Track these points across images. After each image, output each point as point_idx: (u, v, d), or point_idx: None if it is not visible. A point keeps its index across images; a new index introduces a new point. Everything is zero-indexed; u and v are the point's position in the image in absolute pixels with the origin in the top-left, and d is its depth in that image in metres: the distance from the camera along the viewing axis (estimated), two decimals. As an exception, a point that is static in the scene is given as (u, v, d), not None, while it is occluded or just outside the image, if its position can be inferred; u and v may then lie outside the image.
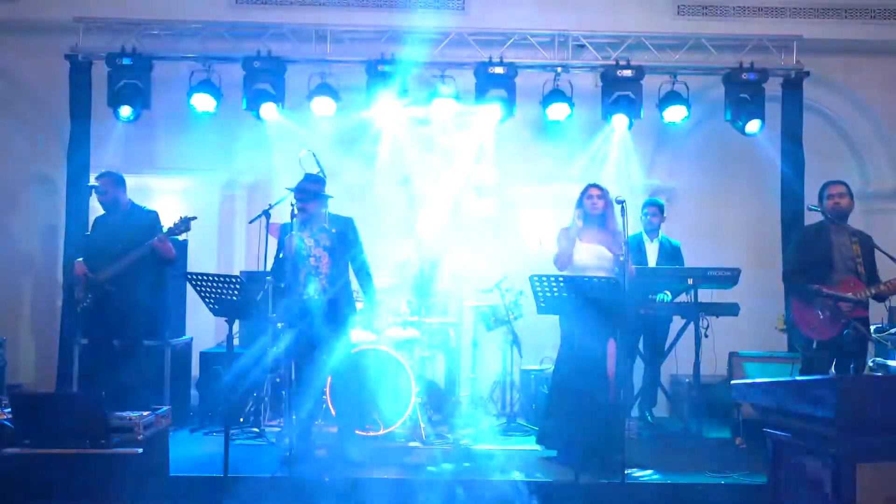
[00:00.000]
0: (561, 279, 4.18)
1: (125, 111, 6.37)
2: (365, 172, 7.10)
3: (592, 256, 4.87)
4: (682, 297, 6.02)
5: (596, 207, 4.92)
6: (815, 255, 4.99)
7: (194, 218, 5.10)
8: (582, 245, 4.90)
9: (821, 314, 4.88)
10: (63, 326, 6.21)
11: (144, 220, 5.24)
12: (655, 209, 6.26)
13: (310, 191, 4.83)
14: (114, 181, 5.27)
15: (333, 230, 4.91)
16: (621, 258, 4.69)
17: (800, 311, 5.03)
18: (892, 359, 5.79)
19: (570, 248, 4.89)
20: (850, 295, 4.76)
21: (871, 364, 6.01)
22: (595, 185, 5.02)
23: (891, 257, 4.78)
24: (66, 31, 6.54)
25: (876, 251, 4.97)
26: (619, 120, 6.57)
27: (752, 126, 6.51)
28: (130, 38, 6.49)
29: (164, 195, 7.14)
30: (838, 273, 4.92)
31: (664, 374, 6.31)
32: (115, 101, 6.39)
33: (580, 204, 4.99)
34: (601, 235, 4.93)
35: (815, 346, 4.93)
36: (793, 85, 6.66)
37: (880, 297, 4.85)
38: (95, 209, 5.64)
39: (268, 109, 6.47)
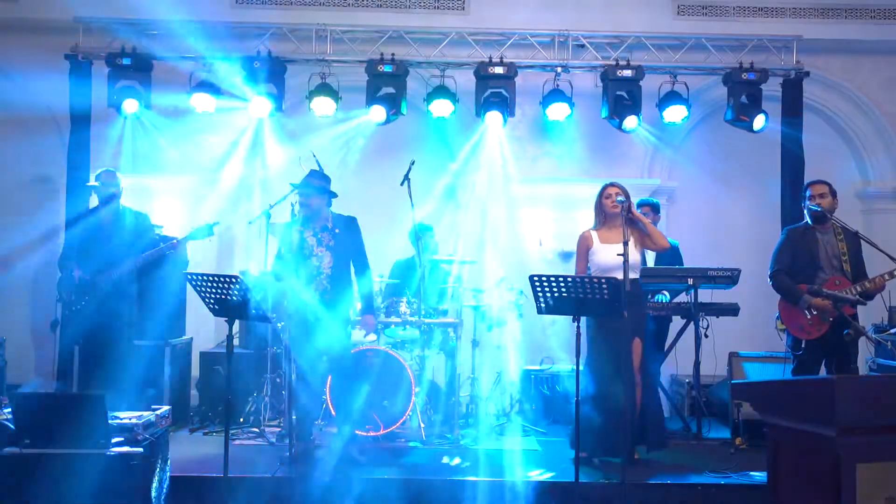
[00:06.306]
0: (561, 279, 4.17)
1: (131, 105, 6.33)
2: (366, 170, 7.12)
3: (614, 257, 4.83)
4: (682, 297, 6.02)
5: (615, 207, 4.89)
6: (802, 255, 4.98)
7: (217, 223, 5.26)
8: (602, 246, 4.87)
9: (808, 314, 4.88)
10: (62, 326, 6.21)
11: (136, 222, 5.34)
12: (647, 209, 6.25)
13: (313, 186, 4.85)
14: (113, 175, 5.38)
15: (336, 230, 4.92)
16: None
17: (787, 311, 5.02)
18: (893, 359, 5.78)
19: (584, 265, 4.92)
20: (846, 294, 4.76)
21: (870, 364, 6.01)
22: (613, 184, 4.96)
23: (880, 249, 4.77)
24: (66, 31, 6.54)
25: (865, 246, 4.94)
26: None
27: (759, 122, 6.45)
28: (130, 38, 6.48)
29: (164, 195, 7.13)
30: (825, 272, 4.92)
31: (664, 374, 6.31)
32: (115, 102, 6.38)
33: (598, 204, 4.97)
34: (621, 235, 4.89)
35: (803, 345, 4.93)
36: (793, 85, 6.66)
37: (866, 295, 4.80)
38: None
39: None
